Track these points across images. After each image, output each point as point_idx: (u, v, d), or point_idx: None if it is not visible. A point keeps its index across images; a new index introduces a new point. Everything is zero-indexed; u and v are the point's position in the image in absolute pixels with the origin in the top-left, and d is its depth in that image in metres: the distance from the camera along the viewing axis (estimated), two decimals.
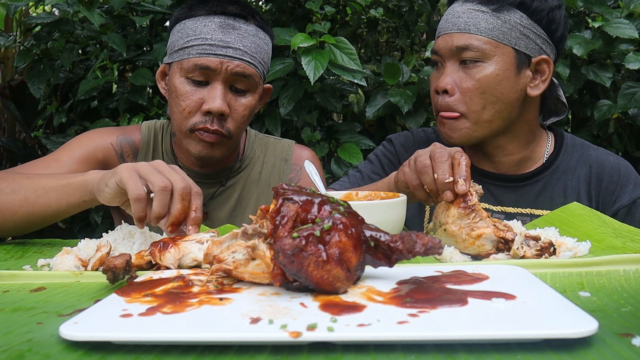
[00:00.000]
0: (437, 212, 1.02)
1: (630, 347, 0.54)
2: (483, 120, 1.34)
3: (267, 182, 1.57)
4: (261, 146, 1.60)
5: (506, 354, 0.54)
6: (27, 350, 0.58)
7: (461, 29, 1.33)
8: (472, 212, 0.96)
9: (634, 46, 2.07)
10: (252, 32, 1.38)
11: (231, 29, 1.35)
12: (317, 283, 0.68)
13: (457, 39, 1.33)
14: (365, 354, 0.55)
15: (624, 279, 0.81)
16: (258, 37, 1.39)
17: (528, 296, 0.65)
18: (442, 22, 1.39)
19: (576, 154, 1.44)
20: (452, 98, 1.33)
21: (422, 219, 1.49)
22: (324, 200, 0.76)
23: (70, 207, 1.13)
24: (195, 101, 1.34)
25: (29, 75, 2.24)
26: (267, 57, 1.44)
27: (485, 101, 1.32)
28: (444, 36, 1.36)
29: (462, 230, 0.96)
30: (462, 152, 1.02)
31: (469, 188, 0.97)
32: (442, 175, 0.99)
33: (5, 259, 1.12)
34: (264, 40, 1.41)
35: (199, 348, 0.57)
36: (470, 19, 1.33)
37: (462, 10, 1.34)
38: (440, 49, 1.37)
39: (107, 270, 0.83)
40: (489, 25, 1.31)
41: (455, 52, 1.33)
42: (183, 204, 0.97)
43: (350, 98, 2.49)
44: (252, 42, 1.37)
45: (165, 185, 0.96)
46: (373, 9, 2.46)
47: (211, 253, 0.78)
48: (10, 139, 2.81)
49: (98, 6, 2.29)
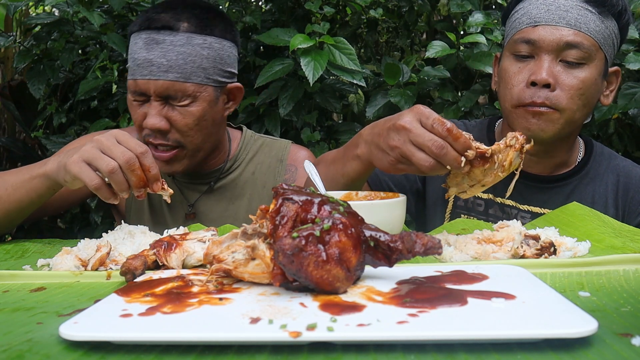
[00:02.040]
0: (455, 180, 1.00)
1: (629, 346, 0.55)
2: (574, 120, 1.30)
3: (262, 183, 1.56)
4: (256, 146, 1.60)
5: (506, 353, 0.54)
6: (27, 350, 0.58)
7: (571, 25, 1.26)
8: (492, 158, 0.95)
9: (634, 46, 2.07)
10: (181, 41, 1.32)
11: (154, 44, 1.32)
12: (317, 283, 0.68)
13: (567, 33, 1.26)
14: (365, 353, 0.55)
15: (624, 279, 0.81)
16: (190, 44, 1.33)
17: (528, 296, 0.65)
18: (542, 12, 1.29)
19: (604, 162, 1.45)
20: (554, 93, 1.26)
21: (444, 209, 1.47)
22: (324, 200, 0.76)
23: (41, 197, 1.20)
24: (140, 117, 1.36)
25: (28, 76, 2.24)
26: (213, 60, 1.36)
27: (582, 103, 1.28)
28: (547, 27, 1.27)
29: (497, 173, 0.96)
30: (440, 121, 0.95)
31: (475, 150, 0.94)
32: (454, 163, 0.94)
33: (5, 259, 1.12)
34: (201, 44, 1.34)
35: (199, 348, 0.57)
36: (581, 16, 1.27)
37: (569, 4, 1.28)
38: (541, 40, 1.27)
39: (126, 272, 0.84)
40: (596, 27, 1.27)
41: (560, 48, 1.26)
42: (135, 173, 1.03)
43: (350, 98, 2.49)
44: (179, 53, 1.31)
45: (111, 168, 1.02)
46: (373, 9, 2.46)
47: (211, 253, 0.78)
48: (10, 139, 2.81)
49: (98, 6, 2.29)
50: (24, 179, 1.19)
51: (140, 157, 1.04)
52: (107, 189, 1.05)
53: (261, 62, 2.31)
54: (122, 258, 0.97)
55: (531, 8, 1.32)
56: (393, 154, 1.02)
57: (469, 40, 2.08)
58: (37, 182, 1.17)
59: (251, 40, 2.35)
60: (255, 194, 1.56)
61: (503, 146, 0.95)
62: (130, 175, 1.03)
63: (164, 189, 1.07)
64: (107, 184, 1.05)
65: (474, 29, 2.15)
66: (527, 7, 1.33)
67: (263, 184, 1.56)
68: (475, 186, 0.99)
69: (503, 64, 1.36)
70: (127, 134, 1.07)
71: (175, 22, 1.33)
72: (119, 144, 1.05)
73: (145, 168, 1.05)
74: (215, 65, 1.37)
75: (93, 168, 1.04)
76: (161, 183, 1.07)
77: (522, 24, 1.32)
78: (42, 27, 2.29)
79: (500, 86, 1.38)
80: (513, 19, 1.37)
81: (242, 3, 2.48)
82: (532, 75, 1.27)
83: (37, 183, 1.17)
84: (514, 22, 1.36)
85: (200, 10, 1.38)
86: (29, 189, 1.18)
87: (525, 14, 1.32)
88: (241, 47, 2.29)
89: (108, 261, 0.97)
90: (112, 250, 0.99)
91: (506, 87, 1.33)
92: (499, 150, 0.95)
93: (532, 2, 1.33)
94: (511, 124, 1.35)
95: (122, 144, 1.05)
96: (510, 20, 1.40)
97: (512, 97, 1.31)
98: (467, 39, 2.09)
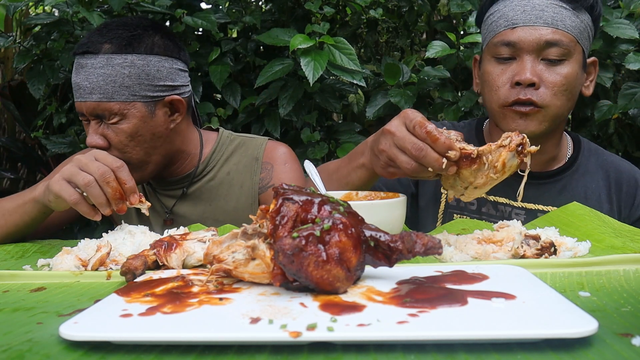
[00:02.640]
0: (448, 182, 0.99)
1: (630, 347, 0.55)
2: (559, 115, 1.32)
3: (238, 183, 1.56)
4: (232, 147, 1.59)
5: (506, 354, 0.54)
6: (27, 351, 0.58)
7: (548, 23, 1.29)
8: (480, 158, 0.94)
9: (634, 46, 2.07)
10: (101, 63, 1.34)
11: (80, 68, 1.36)
12: (317, 283, 0.68)
13: (546, 33, 1.28)
14: (365, 353, 0.55)
15: (624, 279, 0.81)
16: (110, 65, 1.34)
17: (528, 296, 0.65)
18: (519, 13, 1.31)
19: (593, 158, 1.47)
20: (538, 91, 1.29)
21: (437, 209, 1.49)
22: (324, 200, 0.76)
23: (35, 220, 1.27)
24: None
25: (28, 76, 2.24)
26: (137, 77, 1.36)
27: (566, 97, 1.31)
28: (526, 28, 1.30)
29: (489, 175, 0.95)
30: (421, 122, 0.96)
31: (459, 151, 0.94)
32: (435, 164, 0.95)
33: (5, 259, 1.12)
34: (121, 64, 1.35)
35: (199, 348, 0.57)
36: (557, 14, 1.29)
37: (544, 3, 1.30)
38: (521, 41, 1.29)
39: (126, 272, 0.84)
40: (572, 23, 1.30)
41: (540, 47, 1.29)
42: (110, 186, 1.09)
43: (350, 98, 2.49)
44: (100, 75, 1.33)
45: (87, 182, 1.08)
46: (373, 9, 2.46)
47: (211, 253, 0.78)
48: (10, 139, 2.81)
49: (97, 6, 2.29)
50: (17, 204, 1.26)
51: (116, 171, 1.10)
52: (86, 204, 1.11)
53: (261, 62, 2.31)
54: (122, 258, 0.97)
55: (507, 10, 1.33)
56: (382, 158, 1.05)
57: (469, 40, 2.08)
58: (28, 207, 1.24)
59: (251, 40, 2.35)
60: (231, 194, 1.55)
61: (494, 147, 0.94)
62: (106, 188, 1.08)
63: (141, 202, 1.12)
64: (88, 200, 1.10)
65: (474, 29, 2.15)
66: (502, 10, 1.34)
67: (240, 184, 1.56)
68: (470, 189, 0.98)
69: (485, 67, 1.38)
70: (105, 152, 1.14)
71: (97, 45, 1.36)
72: (97, 160, 1.11)
73: (121, 181, 1.10)
74: (141, 82, 1.36)
75: (73, 185, 1.10)
76: (139, 196, 1.12)
77: (499, 27, 1.34)
78: (42, 27, 2.29)
79: (484, 89, 1.40)
80: (489, 22, 1.38)
81: (242, 3, 2.49)
82: (516, 76, 1.29)
83: (29, 208, 1.24)
84: (490, 25, 1.38)
85: (126, 29, 1.39)
86: (22, 213, 1.25)
87: (502, 17, 1.34)
88: (241, 47, 2.29)
89: (108, 261, 0.97)
90: (112, 250, 0.99)
91: (491, 89, 1.35)
92: (489, 151, 0.94)
93: (507, 4, 1.34)
94: (498, 124, 1.37)
95: (99, 161, 1.11)
96: (485, 23, 1.41)
97: (498, 98, 1.33)
98: (467, 39, 2.09)
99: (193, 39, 2.27)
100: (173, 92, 1.43)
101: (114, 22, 1.42)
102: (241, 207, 1.54)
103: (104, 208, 1.09)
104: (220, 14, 2.26)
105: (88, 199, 1.11)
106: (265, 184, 1.55)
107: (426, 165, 0.96)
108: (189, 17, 2.16)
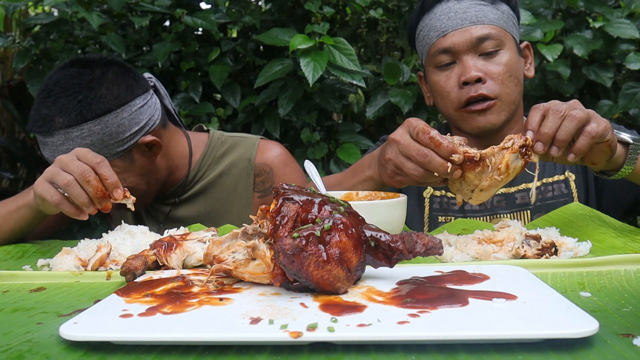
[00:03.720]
0: (454, 186, 1.01)
1: (631, 347, 0.54)
2: (512, 101, 1.38)
3: (232, 184, 1.55)
4: (223, 148, 1.58)
5: (507, 354, 0.54)
6: (27, 351, 0.57)
7: (474, 22, 1.36)
8: (483, 161, 0.95)
9: (634, 46, 2.07)
10: (60, 141, 1.30)
11: (44, 145, 1.33)
12: (318, 283, 0.68)
13: (475, 31, 1.36)
14: (366, 354, 0.55)
15: (625, 279, 0.80)
16: (70, 140, 1.30)
17: (529, 296, 0.65)
18: (444, 21, 1.39)
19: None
20: (486, 84, 1.35)
21: (422, 214, 1.49)
22: (325, 200, 0.75)
23: (31, 225, 1.25)
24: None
25: (28, 76, 2.24)
26: (100, 143, 1.32)
27: (513, 83, 1.38)
28: (456, 32, 1.37)
29: (494, 177, 0.95)
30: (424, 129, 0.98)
31: (462, 154, 0.95)
32: (440, 169, 0.96)
33: (5, 259, 1.12)
34: (80, 136, 1.30)
35: (199, 348, 0.57)
36: (478, 12, 1.37)
37: (464, 6, 1.38)
38: (455, 45, 1.37)
39: (126, 272, 0.84)
40: (495, 16, 1.37)
41: (474, 45, 1.36)
42: (91, 185, 1.05)
43: (350, 98, 2.49)
44: (63, 151, 1.28)
45: (67, 182, 1.05)
46: (373, 9, 2.45)
47: (211, 253, 0.78)
48: (9, 139, 2.81)
49: (97, 6, 2.29)
50: (11, 209, 1.25)
51: (96, 167, 1.06)
52: (69, 204, 1.07)
53: (261, 62, 2.30)
54: (122, 258, 0.97)
55: (433, 22, 1.41)
56: (389, 167, 1.07)
57: None
58: (23, 212, 1.23)
59: (251, 40, 2.35)
60: (224, 196, 1.54)
61: (497, 149, 0.95)
62: (87, 187, 1.05)
63: (126, 196, 1.08)
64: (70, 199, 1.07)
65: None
66: (429, 24, 1.43)
67: (234, 185, 1.55)
68: (476, 191, 0.99)
69: (431, 78, 1.45)
70: (86, 150, 1.10)
71: (49, 124, 1.30)
72: (78, 159, 1.08)
73: (103, 177, 1.06)
74: (106, 144, 1.33)
75: (55, 186, 1.08)
76: (123, 191, 1.08)
77: (432, 38, 1.42)
78: (41, 27, 2.29)
79: (436, 99, 1.46)
80: (421, 37, 1.47)
81: (242, 3, 2.48)
82: (462, 76, 1.36)
83: (23, 213, 1.23)
84: (422, 40, 1.46)
85: (70, 96, 1.31)
86: (17, 218, 1.24)
87: (432, 29, 1.42)
88: (241, 47, 2.29)
89: (108, 261, 0.96)
90: (112, 251, 0.99)
91: (442, 96, 1.42)
92: (492, 154, 0.95)
93: (431, 18, 1.42)
94: (460, 127, 1.43)
95: (80, 159, 1.07)
96: (418, 41, 1.49)
97: (452, 103, 1.39)
98: None
99: (193, 38, 2.27)
100: (142, 132, 1.37)
101: (56, 86, 1.32)
102: (236, 209, 1.53)
103: (87, 207, 1.06)
104: (220, 14, 2.26)
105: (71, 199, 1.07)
106: (267, 187, 1.54)
107: (432, 170, 0.97)
108: (188, 17, 2.16)
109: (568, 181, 1.45)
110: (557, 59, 2.01)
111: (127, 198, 1.09)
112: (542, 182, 1.44)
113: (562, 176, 1.45)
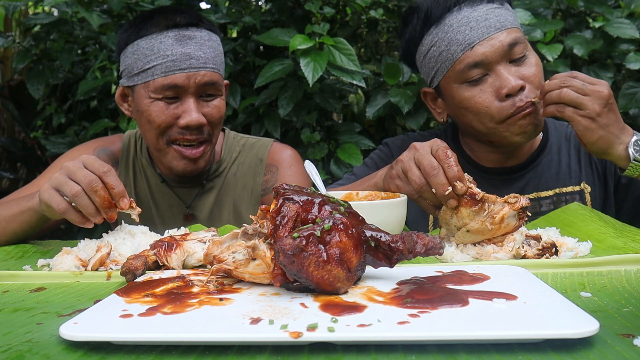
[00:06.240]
0: (445, 217, 1.01)
1: (631, 347, 0.54)
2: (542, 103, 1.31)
3: (242, 184, 1.55)
4: (238, 147, 1.59)
5: (507, 354, 0.54)
6: (27, 351, 0.57)
7: (499, 28, 1.29)
8: (483, 203, 0.96)
9: (634, 46, 2.07)
10: (206, 37, 1.38)
11: (187, 39, 1.34)
12: (318, 283, 0.68)
13: (502, 37, 1.28)
14: (366, 354, 0.55)
15: (625, 280, 0.80)
16: (212, 40, 1.39)
17: (529, 296, 0.65)
18: (466, 32, 1.29)
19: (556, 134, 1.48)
20: (526, 91, 1.28)
21: (426, 222, 1.49)
22: (325, 201, 0.75)
23: (33, 228, 1.24)
24: (170, 117, 1.35)
25: (28, 76, 2.24)
26: (222, 57, 1.44)
27: (541, 84, 1.30)
28: (484, 42, 1.28)
29: (485, 223, 0.96)
30: (445, 149, 1.01)
31: (467, 186, 0.97)
32: (440, 188, 0.98)
33: (5, 259, 1.12)
34: (217, 42, 1.42)
35: (199, 348, 0.57)
36: (498, 16, 1.30)
37: (481, 12, 1.30)
38: (487, 57, 1.28)
39: (126, 272, 0.84)
40: (511, 17, 1.32)
41: (506, 52, 1.28)
42: (98, 195, 1.04)
43: (350, 98, 2.49)
44: (209, 47, 1.36)
45: (75, 192, 1.04)
46: (373, 9, 2.45)
47: (211, 253, 0.78)
48: (10, 139, 2.81)
49: (97, 6, 2.29)
50: (15, 212, 1.24)
51: (103, 176, 1.06)
52: (76, 213, 1.07)
53: (261, 62, 2.30)
54: (123, 258, 0.97)
55: (452, 35, 1.30)
56: (396, 168, 1.09)
57: None
58: (26, 216, 1.22)
59: (251, 40, 2.35)
60: (238, 195, 1.55)
61: (500, 200, 0.96)
62: (94, 197, 1.04)
63: (132, 207, 1.08)
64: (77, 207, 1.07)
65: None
66: (445, 37, 1.32)
67: (243, 185, 1.55)
68: (462, 231, 0.98)
69: (459, 95, 1.33)
70: (93, 157, 1.09)
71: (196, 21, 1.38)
72: (85, 167, 1.07)
73: (109, 186, 1.06)
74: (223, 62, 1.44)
75: (61, 194, 1.07)
76: (129, 201, 1.07)
77: (455, 53, 1.31)
78: (41, 27, 2.29)
79: (466, 115, 1.36)
80: (435, 54, 1.35)
81: (242, 3, 2.48)
82: (502, 89, 1.27)
83: (27, 216, 1.22)
84: (439, 57, 1.34)
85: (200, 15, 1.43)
86: (21, 221, 1.23)
87: (451, 43, 1.31)
88: (241, 47, 2.29)
89: (108, 261, 0.96)
90: (112, 251, 0.99)
91: (478, 112, 1.31)
92: (493, 201, 0.96)
93: (447, 31, 1.31)
94: (497, 140, 1.35)
95: (87, 167, 1.07)
96: (427, 58, 1.37)
97: (492, 117, 1.30)
98: None
99: None
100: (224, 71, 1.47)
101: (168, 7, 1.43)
102: (244, 208, 1.53)
103: (93, 217, 1.06)
104: (220, 14, 2.26)
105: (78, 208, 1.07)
106: (269, 186, 1.54)
107: (433, 185, 0.99)
108: None
109: (583, 193, 1.41)
110: (557, 58, 2.01)
111: (133, 208, 1.08)
112: (555, 192, 1.42)
113: (578, 187, 1.41)
